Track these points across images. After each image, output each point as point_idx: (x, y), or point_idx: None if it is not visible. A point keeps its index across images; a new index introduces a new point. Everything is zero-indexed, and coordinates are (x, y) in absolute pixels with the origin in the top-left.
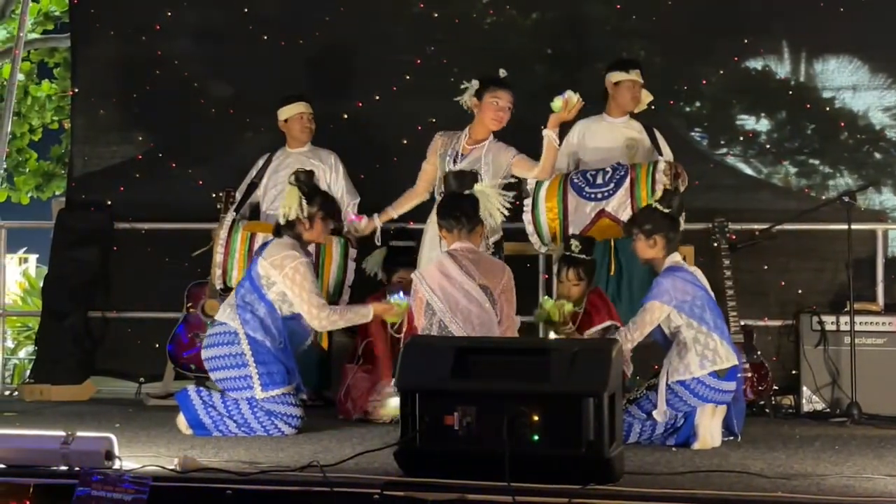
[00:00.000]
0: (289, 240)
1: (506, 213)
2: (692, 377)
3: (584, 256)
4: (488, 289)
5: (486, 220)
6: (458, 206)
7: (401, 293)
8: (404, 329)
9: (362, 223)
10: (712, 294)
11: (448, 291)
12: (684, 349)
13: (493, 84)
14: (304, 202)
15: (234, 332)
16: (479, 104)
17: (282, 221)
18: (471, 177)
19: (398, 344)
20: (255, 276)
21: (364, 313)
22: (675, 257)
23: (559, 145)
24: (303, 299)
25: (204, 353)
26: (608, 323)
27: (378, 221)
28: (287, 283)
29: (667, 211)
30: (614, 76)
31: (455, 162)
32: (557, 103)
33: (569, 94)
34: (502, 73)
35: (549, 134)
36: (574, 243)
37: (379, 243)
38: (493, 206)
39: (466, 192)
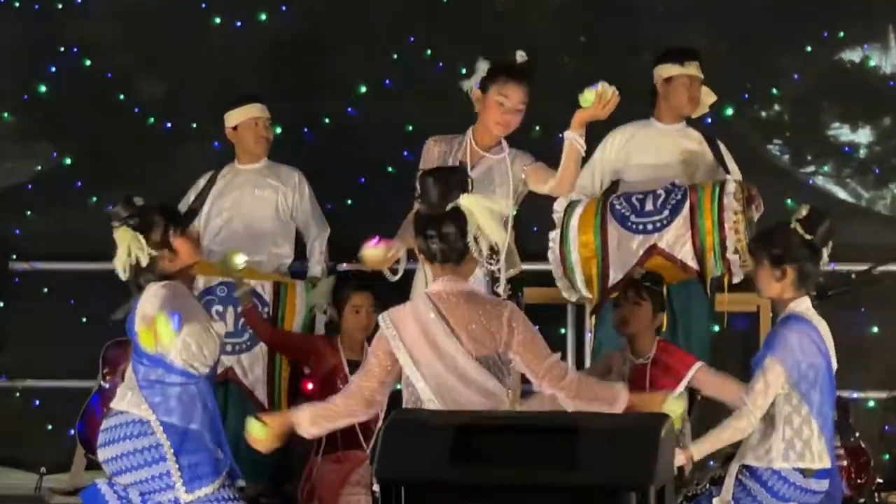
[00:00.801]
0: (155, 287)
1: (507, 229)
2: (770, 468)
3: (648, 284)
4: (490, 359)
5: (477, 244)
6: (437, 229)
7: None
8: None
9: (382, 248)
10: (834, 364)
11: (434, 369)
12: (770, 428)
13: (504, 74)
14: (141, 239)
15: (143, 420)
16: (483, 98)
17: (123, 277)
18: (458, 179)
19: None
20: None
21: None
22: (805, 303)
23: (584, 152)
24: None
25: (103, 453)
26: (695, 367)
27: (402, 249)
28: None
29: (808, 237)
30: (665, 70)
31: None
32: (588, 96)
33: (602, 85)
34: (520, 56)
35: (572, 136)
36: (638, 271)
37: (396, 276)
38: (485, 223)
39: (449, 206)
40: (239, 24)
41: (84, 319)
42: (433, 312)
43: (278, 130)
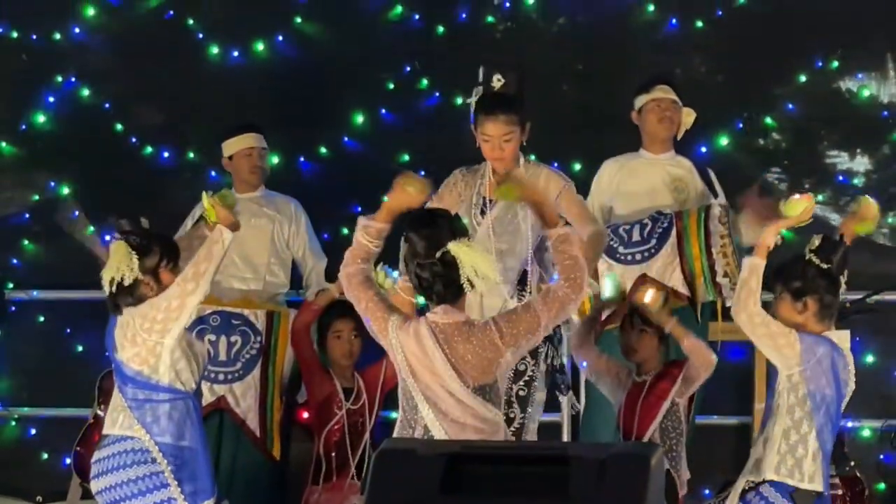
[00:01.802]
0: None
1: (497, 273)
2: (763, 480)
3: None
4: (486, 386)
5: (472, 285)
6: (428, 275)
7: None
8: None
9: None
10: (847, 397)
11: (433, 391)
12: (770, 437)
13: (481, 112)
14: (134, 257)
15: (141, 447)
16: (477, 135)
17: (107, 290)
18: (446, 228)
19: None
20: (133, 375)
21: (214, 238)
22: (843, 338)
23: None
24: (165, 297)
25: (98, 484)
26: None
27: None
28: (139, 354)
29: (825, 266)
30: (637, 102)
31: (483, 213)
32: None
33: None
34: (497, 80)
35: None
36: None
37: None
38: (478, 263)
39: (439, 253)
40: (236, 53)
41: (80, 348)
42: (432, 341)
43: (275, 160)
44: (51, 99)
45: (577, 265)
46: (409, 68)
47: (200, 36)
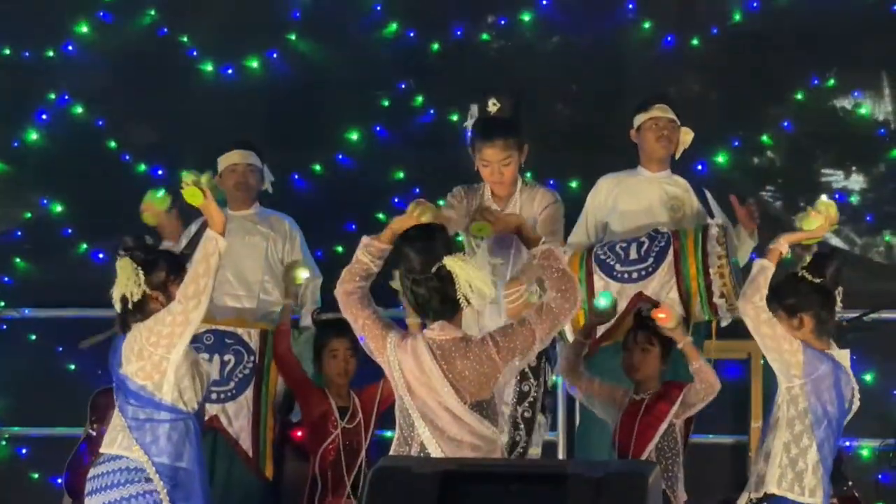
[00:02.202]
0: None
1: (494, 287)
2: (766, 493)
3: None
4: (483, 402)
5: (468, 301)
6: (424, 290)
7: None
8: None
9: None
10: (850, 414)
11: (430, 407)
12: (771, 450)
13: (478, 138)
14: (141, 273)
15: (137, 466)
16: (475, 159)
17: (118, 308)
18: (441, 242)
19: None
20: (137, 390)
21: (209, 251)
22: (844, 357)
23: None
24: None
25: (92, 501)
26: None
27: None
28: (144, 368)
29: (818, 281)
30: (635, 121)
31: None
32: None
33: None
34: (492, 104)
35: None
36: (645, 306)
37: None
38: (473, 278)
39: (434, 268)
40: (230, 71)
41: (72, 367)
42: (430, 357)
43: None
44: (43, 116)
45: (565, 276)
46: (403, 85)
47: (194, 53)
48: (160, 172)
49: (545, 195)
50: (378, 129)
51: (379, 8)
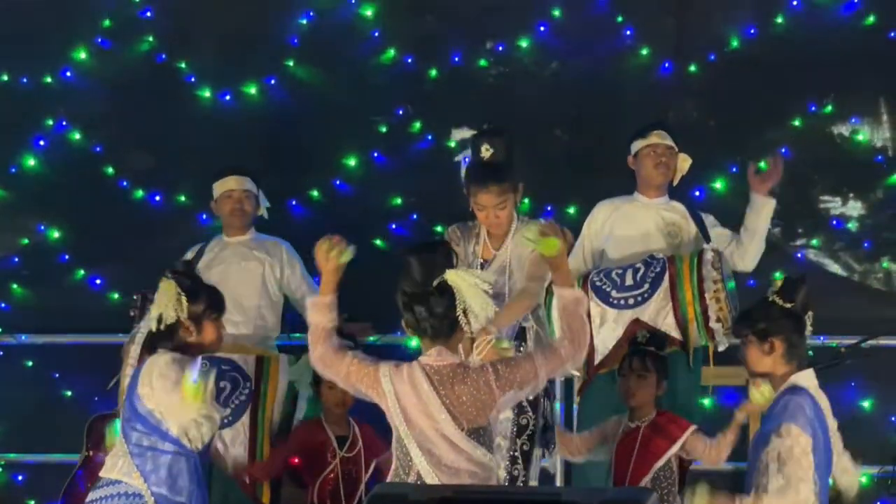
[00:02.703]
0: (168, 356)
1: (490, 309)
2: None
3: (652, 348)
4: (479, 429)
5: (466, 318)
6: (425, 307)
7: None
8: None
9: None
10: (836, 442)
11: (427, 435)
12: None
13: (472, 183)
14: (184, 299)
15: (135, 492)
16: (470, 201)
17: (153, 327)
18: (443, 256)
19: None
20: (145, 413)
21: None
22: (809, 377)
23: None
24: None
25: None
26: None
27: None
28: (153, 397)
29: (789, 306)
30: (633, 147)
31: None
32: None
33: None
34: (485, 150)
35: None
36: (642, 333)
37: None
38: (470, 297)
39: (435, 282)
40: (228, 97)
41: (69, 393)
42: (426, 384)
43: (266, 204)
44: (41, 142)
45: (584, 329)
46: (401, 111)
47: (192, 79)
48: (158, 199)
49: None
50: (376, 155)
51: (377, 34)
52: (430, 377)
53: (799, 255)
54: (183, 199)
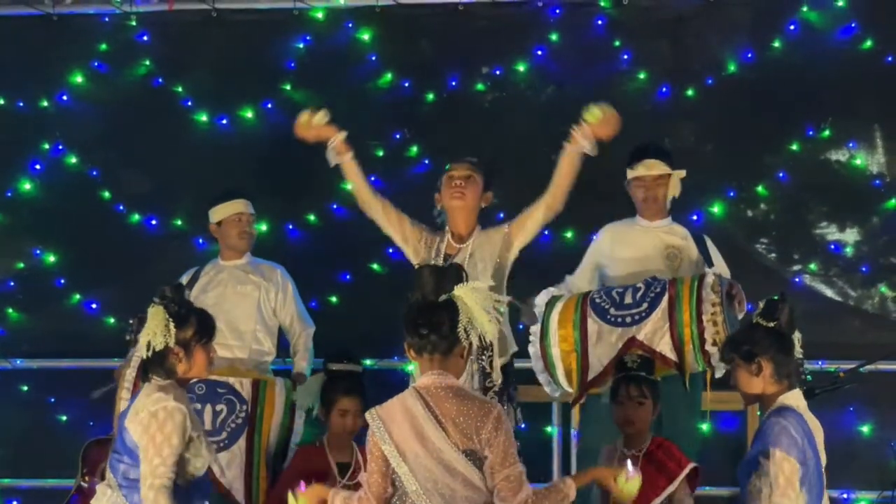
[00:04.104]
0: (161, 382)
1: (499, 318)
2: None
3: (643, 374)
4: (476, 453)
5: (466, 334)
6: (428, 318)
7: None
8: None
9: None
10: (824, 460)
11: (422, 462)
12: None
13: (452, 162)
14: (171, 325)
15: None
16: (442, 192)
17: (143, 354)
18: (454, 272)
19: None
20: (132, 445)
21: None
22: (796, 397)
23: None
24: (145, 459)
25: None
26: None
27: None
28: (150, 429)
29: (772, 325)
30: (628, 173)
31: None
32: (595, 111)
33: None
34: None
35: (576, 146)
36: (631, 358)
37: None
38: (477, 314)
39: (443, 297)
40: (224, 121)
41: (64, 418)
42: (421, 405)
43: (262, 227)
44: (37, 166)
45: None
46: (398, 135)
47: (189, 103)
48: (154, 222)
49: (496, 230)
50: (373, 178)
51: (374, 58)
52: (424, 397)
53: (796, 279)
54: (179, 223)
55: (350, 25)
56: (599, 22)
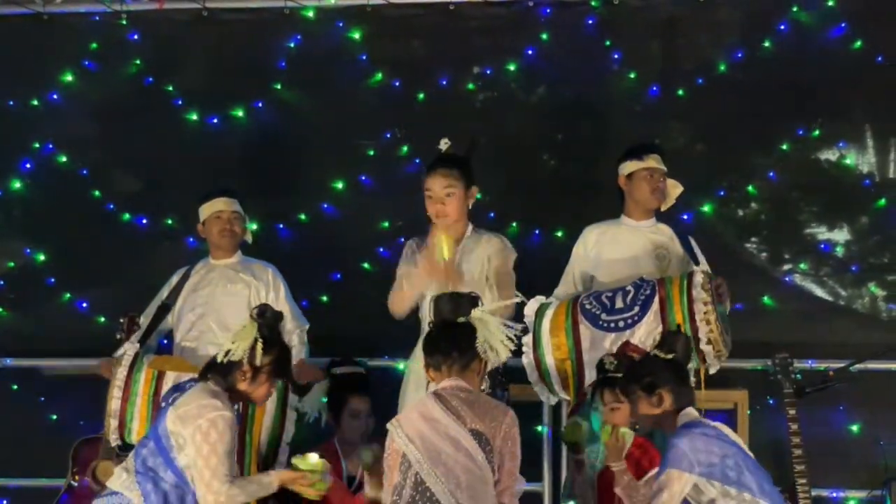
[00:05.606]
0: (214, 387)
1: (512, 346)
2: None
3: (620, 375)
4: (483, 436)
5: (484, 353)
6: (448, 337)
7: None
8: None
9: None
10: (749, 452)
11: (428, 438)
12: None
13: (428, 171)
14: (260, 346)
15: None
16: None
17: (219, 357)
18: (468, 301)
19: None
20: (161, 433)
21: (266, 482)
22: (691, 412)
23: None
24: (207, 466)
25: None
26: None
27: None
28: (196, 440)
29: (669, 357)
30: (626, 167)
31: None
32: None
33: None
34: (444, 143)
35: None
36: (609, 360)
37: None
38: (494, 338)
39: (461, 319)
40: (215, 120)
41: (54, 417)
42: (440, 405)
43: (253, 227)
44: (28, 165)
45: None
46: (389, 135)
47: (179, 102)
48: (144, 222)
49: (490, 240)
50: (363, 178)
51: (364, 58)
52: (440, 396)
53: (786, 279)
54: (170, 222)
55: (341, 25)
56: (590, 22)
